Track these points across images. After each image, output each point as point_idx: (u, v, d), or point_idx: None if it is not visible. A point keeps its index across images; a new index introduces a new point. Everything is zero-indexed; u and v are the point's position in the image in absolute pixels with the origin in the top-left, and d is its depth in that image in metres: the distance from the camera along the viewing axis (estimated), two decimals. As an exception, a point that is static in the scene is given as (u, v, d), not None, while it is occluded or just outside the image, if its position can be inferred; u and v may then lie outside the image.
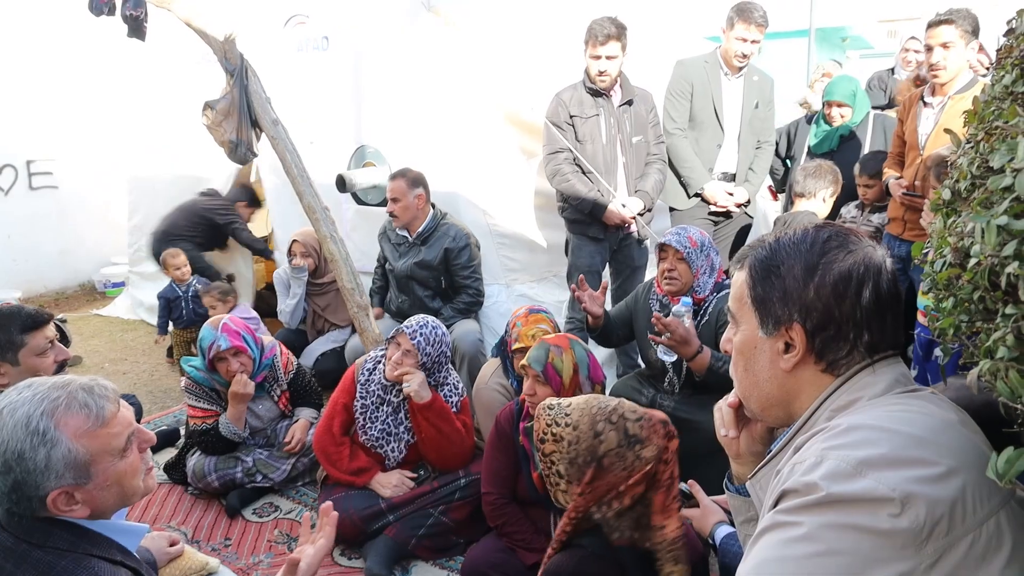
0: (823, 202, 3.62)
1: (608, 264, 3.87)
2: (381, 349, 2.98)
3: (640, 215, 3.66)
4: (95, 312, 6.26)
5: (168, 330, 4.64)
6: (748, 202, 4.01)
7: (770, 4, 3.84)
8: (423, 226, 3.73)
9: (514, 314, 2.98)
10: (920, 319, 2.86)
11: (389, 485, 2.76)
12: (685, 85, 3.86)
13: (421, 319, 2.83)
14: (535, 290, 4.13)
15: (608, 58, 3.46)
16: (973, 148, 0.96)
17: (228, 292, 4.43)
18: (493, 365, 3.06)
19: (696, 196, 3.95)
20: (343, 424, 2.86)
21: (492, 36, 4.07)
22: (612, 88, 3.60)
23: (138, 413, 3.14)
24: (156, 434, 2.65)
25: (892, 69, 5.57)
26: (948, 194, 1.02)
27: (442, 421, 2.75)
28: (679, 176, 3.94)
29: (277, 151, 3.51)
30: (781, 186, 4.68)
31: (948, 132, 1.13)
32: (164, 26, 3.78)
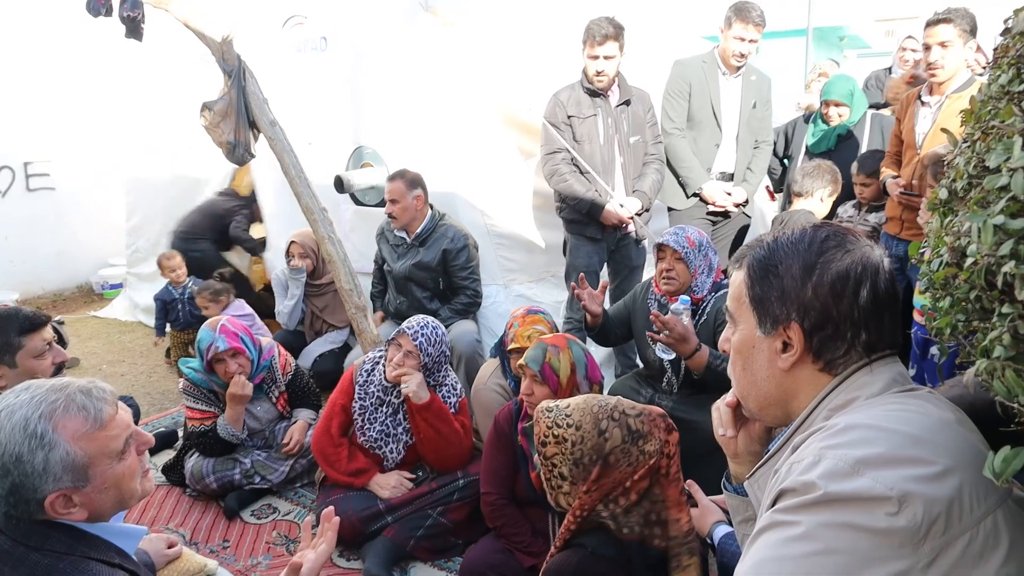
0: (820, 201, 3.63)
1: (606, 264, 3.88)
2: (379, 350, 2.98)
3: (638, 215, 3.66)
4: (92, 314, 6.25)
5: (165, 331, 4.64)
6: (746, 202, 4.02)
7: (768, 4, 3.84)
8: (421, 227, 3.73)
9: (512, 315, 2.98)
10: (917, 318, 2.86)
11: (387, 486, 2.76)
12: (683, 85, 3.86)
13: (421, 320, 2.83)
14: (533, 290, 4.13)
15: (606, 58, 3.47)
16: (969, 147, 0.96)
17: (220, 292, 4.43)
18: (492, 366, 3.06)
19: (694, 196, 3.95)
20: (341, 425, 2.86)
21: (490, 37, 4.07)
22: (610, 88, 3.60)
23: (136, 415, 3.13)
24: (154, 436, 2.64)
25: (890, 68, 5.58)
26: (945, 193, 1.02)
27: (440, 422, 2.75)
28: (677, 176, 3.94)
29: (275, 152, 3.51)
30: (779, 186, 4.68)
31: (945, 132, 1.13)
32: (162, 27, 3.78)
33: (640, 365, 3.26)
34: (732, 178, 4.00)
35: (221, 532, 2.91)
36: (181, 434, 3.48)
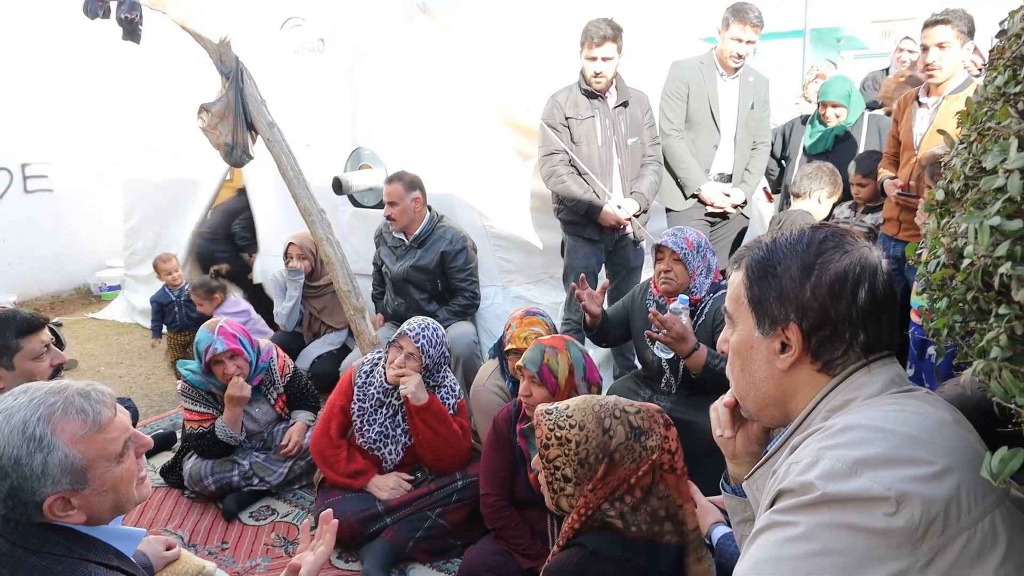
0: (818, 202, 3.64)
1: (604, 265, 3.88)
2: (378, 352, 2.98)
3: (636, 216, 3.66)
4: (90, 315, 6.25)
5: (162, 333, 4.62)
6: (745, 203, 4.02)
7: (765, 5, 3.85)
8: (420, 229, 3.73)
9: (511, 316, 2.98)
10: (914, 318, 2.86)
11: (386, 488, 2.76)
12: (681, 86, 3.86)
13: (422, 321, 2.83)
14: (531, 292, 4.13)
15: (604, 59, 3.47)
16: (966, 149, 0.96)
17: (214, 289, 4.43)
18: (490, 367, 3.06)
19: (693, 197, 3.95)
20: (340, 427, 2.86)
21: (488, 38, 4.07)
22: (608, 90, 3.60)
23: (134, 417, 3.13)
24: (153, 437, 2.64)
25: (887, 69, 5.59)
26: (941, 195, 1.02)
27: (439, 423, 2.75)
28: (676, 177, 3.95)
29: (273, 153, 3.51)
30: (776, 187, 4.68)
31: (941, 133, 1.14)
32: (159, 29, 3.78)
33: (638, 366, 3.26)
34: (730, 179, 4.00)
35: (220, 534, 2.91)
36: (179, 436, 3.48)
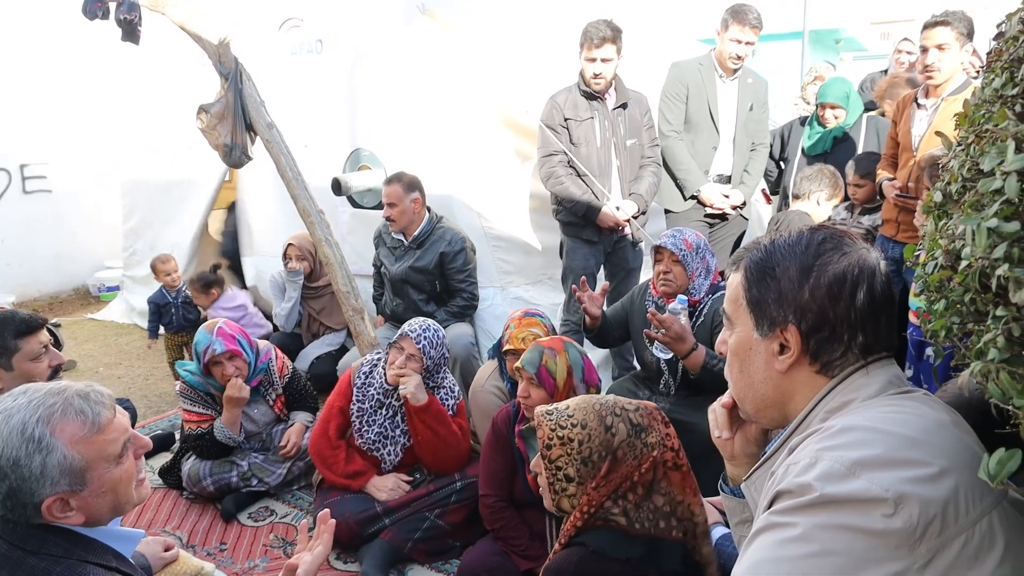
0: (817, 204, 3.64)
1: (603, 266, 3.88)
2: (377, 353, 2.98)
3: (634, 217, 3.67)
4: (89, 316, 6.24)
5: (158, 334, 4.61)
6: (744, 204, 4.03)
7: (764, 6, 3.86)
8: (419, 230, 3.73)
9: (510, 317, 2.98)
10: (912, 319, 2.87)
11: (385, 488, 2.76)
12: (680, 87, 3.87)
13: (422, 323, 2.84)
14: (530, 293, 4.13)
15: (603, 61, 3.47)
16: (964, 151, 0.97)
17: (211, 283, 4.44)
18: (489, 368, 3.06)
19: (692, 198, 3.96)
20: (339, 427, 2.86)
21: (487, 39, 4.08)
22: (607, 91, 3.61)
23: (132, 418, 3.13)
24: (151, 438, 2.63)
25: (885, 71, 5.60)
26: (939, 196, 1.02)
27: (438, 424, 2.75)
28: (675, 178, 3.95)
29: (272, 154, 3.51)
30: (775, 188, 4.69)
31: (939, 135, 1.14)
32: (158, 30, 3.78)
33: (637, 367, 3.26)
34: (729, 180, 4.01)
35: (218, 535, 2.90)
36: (178, 437, 3.47)
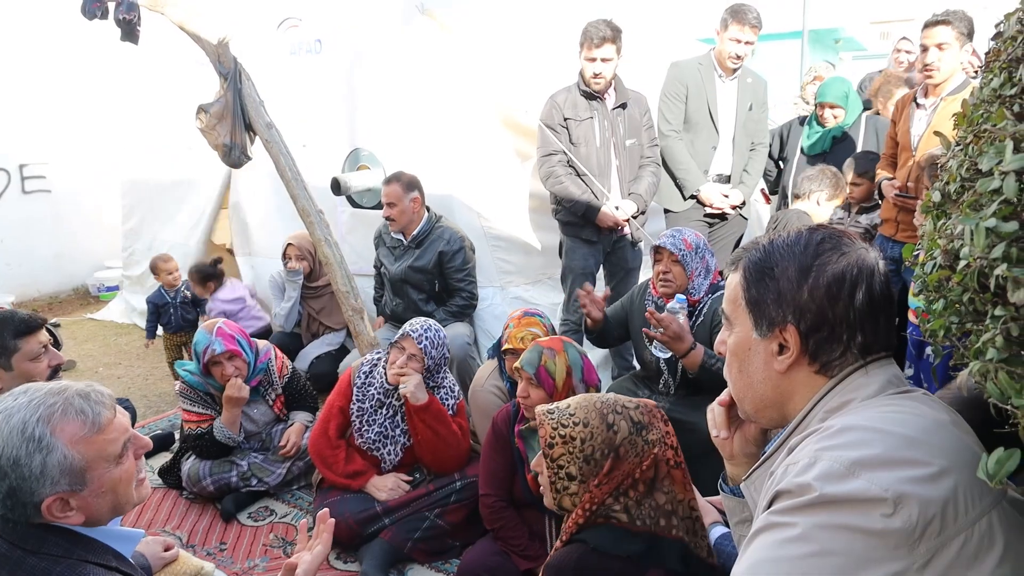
0: (817, 204, 3.64)
1: (602, 266, 3.88)
2: (377, 352, 2.98)
3: (633, 217, 3.67)
4: (89, 316, 6.24)
5: (156, 334, 4.60)
6: (743, 204, 4.03)
7: (763, 6, 3.86)
8: (418, 229, 3.73)
9: (509, 316, 2.98)
10: (912, 319, 2.87)
11: (384, 488, 2.76)
12: (679, 87, 3.87)
13: (424, 323, 2.84)
14: (530, 292, 4.13)
15: (603, 60, 3.47)
16: (962, 151, 0.97)
17: (208, 276, 4.44)
18: (489, 367, 3.06)
19: (691, 198, 3.96)
20: (339, 427, 2.86)
21: (486, 39, 4.08)
22: (606, 91, 3.61)
23: (132, 417, 3.12)
24: (151, 438, 2.63)
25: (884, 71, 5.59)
26: (938, 196, 1.02)
27: (438, 423, 2.76)
28: (674, 178, 3.95)
29: (271, 154, 3.51)
30: (774, 188, 4.69)
31: (938, 135, 1.14)
32: (158, 30, 3.78)
33: (637, 367, 3.26)
34: (728, 180, 4.01)
35: (218, 535, 2.90)
36: (178, 437, 3.47)
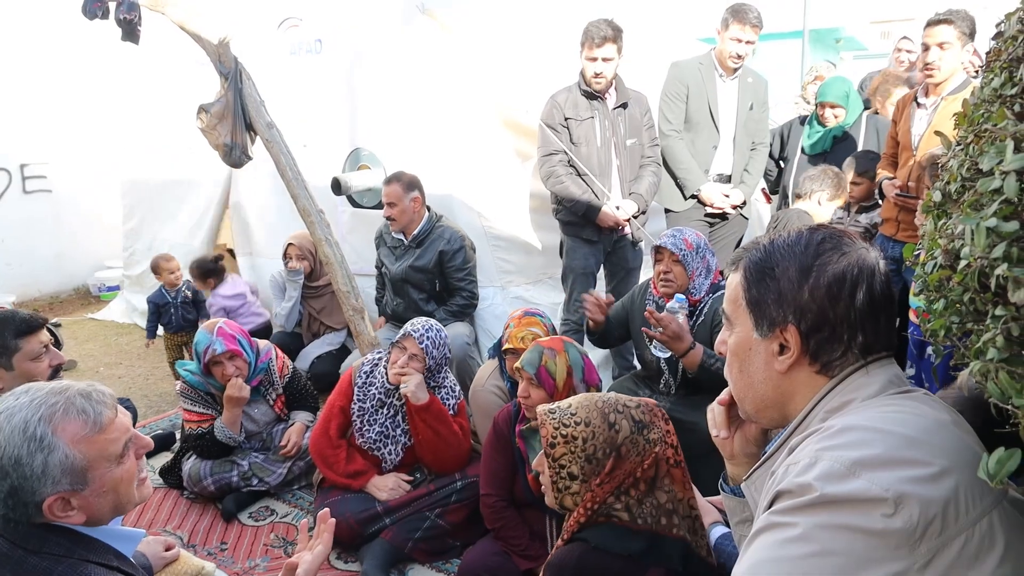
0: (818, 204, 3.63)
1: (603, 266, 3.88)
2: (378, 352, 2.98)
3: (634, 217, 3.67)
4: (90, 316, 6.24)
5: (156, 334, 4.60)
6: (744, 203, 4.03)
7: (764, 5, 3.86)
8: (419, 228, 3.73)
9: (510, 316, 2.98)
10: (912, 318, 2.87)
11: (385, 488, 2.76)
12: (680, 87, 3.87)
13: (425, 323, 2.84)
14: (530, 292, 4.13)
15: (604, 60, 3.47)
16: (963, 150, 0.97)
17: (208, 272, 4.44)
18: (490, 367, 3.06)
19: (692, 198, 3.96)
20: (340, 427, 2.86)
21: (487, 39, 4.08)
22: (607, 91, 3.61)
23: (133, 417, 3.12)
24: (152, 438, 2.63)
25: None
26: (938, 196, 1.02)
27: (439, 423, 2.76)
28: (675, 178, 3.95)
29: (272, 154, 3.51)
30: (775, 187, 4.69)
31: (939, 134, 1.14)
32: (158, 30, 3.78)
33: (637, 367, 3.26)
34: (729, 180, 4.00)
35: (219, 534, 2.91)
36: (178, 436, 3.48)
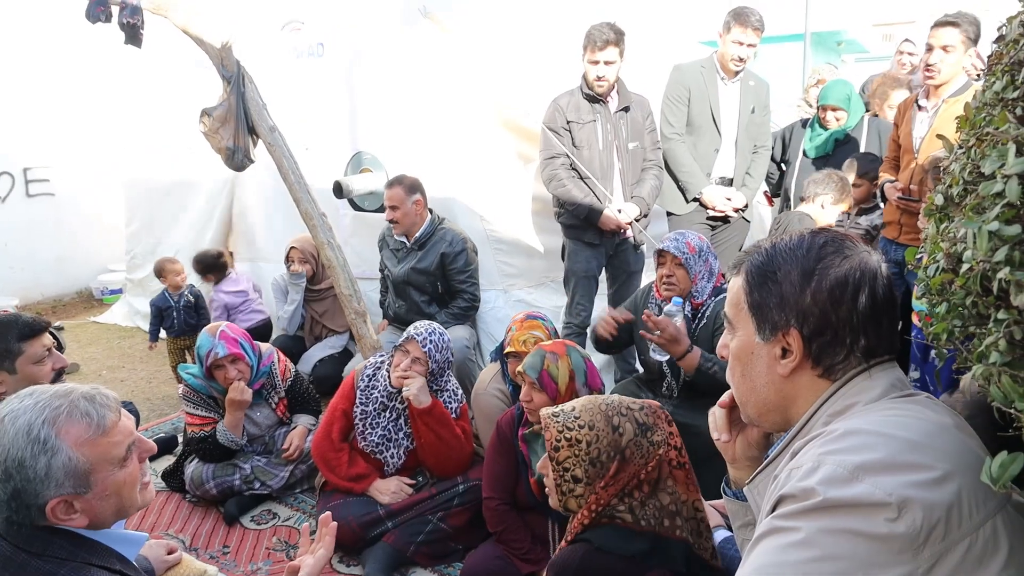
0: (822, 208, 3.62)
1: (605, 269, 3.88)
2: (381, 355, 2.98)
3: (636, 220, 3.67)
4: (92, 319, 6.25)
5: (159, 337, 4.59)
6: (746, 206, 4.02)
7: (766, 8, 3.86)
8: (421, 231, 3.74)
9: (512, 319, 2.98)
10: (915, 321, 2.87)
11: (387, 492, 2.76)
12: (682, 90, 3.87)
13: (428, 326, 2.84)
14: (532, 295, 4.13)
15: (606, 63, 3.47)
16: (965, 154, 0.97)
17: (209, 268, 4.45)
18: (492, 371, 3.06)
19: (694, 201, 3.96)
20: (342, 430, 2.86)
21: (489, 42, 4.08)
22: (609, 94, 3.61)
23: (136, 420, 3.13)
24: (154, 441, 2.63)
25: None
26: (941, 199, 1.02)
27: (441, 427, 2.76)
28: (677, 181, 3.95)
29: (274, 157, 3.52)
30: (776, 190, 4.68)
31: (940, 137, 1.14)
32: (161, 33, 3.79)
33: (640, 370, 3.26)
34: (731, 183, 4.00)
35: (221, 538, 2.91)
36: (181, 440, 3.48)
